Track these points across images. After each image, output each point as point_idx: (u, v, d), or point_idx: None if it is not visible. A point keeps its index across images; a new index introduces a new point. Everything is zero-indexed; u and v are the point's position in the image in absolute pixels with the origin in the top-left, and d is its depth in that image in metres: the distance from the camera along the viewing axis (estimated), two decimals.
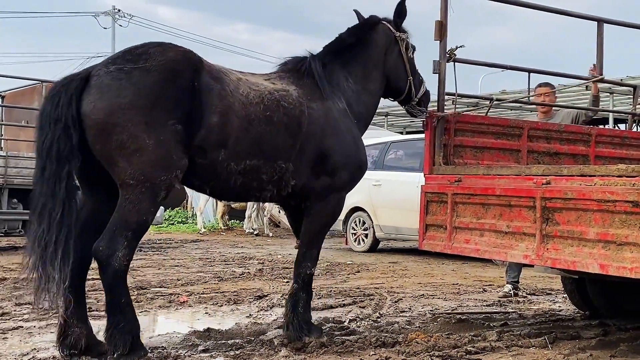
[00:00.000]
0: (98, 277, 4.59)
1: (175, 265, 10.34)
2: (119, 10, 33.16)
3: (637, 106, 7.81)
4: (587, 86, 9.26)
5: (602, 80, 7.16)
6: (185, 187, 5.30)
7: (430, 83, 5.97)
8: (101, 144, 4.29)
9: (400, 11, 5.82)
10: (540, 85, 8.26)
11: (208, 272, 9.64)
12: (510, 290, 7.94)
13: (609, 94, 19.39)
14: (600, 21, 6.78)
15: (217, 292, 7.74)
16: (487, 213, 5.29)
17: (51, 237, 4.19)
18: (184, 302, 7.12)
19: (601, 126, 20.64)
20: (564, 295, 7.33)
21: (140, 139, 4.24)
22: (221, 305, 6.99)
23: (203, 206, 16.77)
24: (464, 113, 6.81)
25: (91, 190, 4.71)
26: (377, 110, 23.11)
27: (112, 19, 33.72)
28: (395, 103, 6.37)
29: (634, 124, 8.23)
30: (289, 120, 4.91)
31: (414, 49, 5.92)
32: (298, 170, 5.01)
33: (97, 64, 4.51)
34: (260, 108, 4.77)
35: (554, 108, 8.30)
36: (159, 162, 4.30)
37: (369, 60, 5.67)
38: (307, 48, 5.49)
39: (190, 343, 5.21)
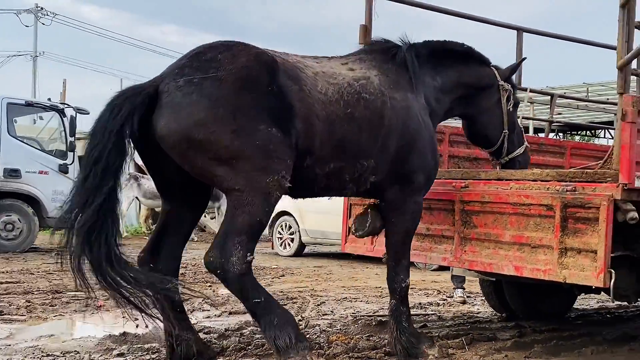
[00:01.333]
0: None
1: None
2: (42, 9, 32.14)
3: (554, 115, 8.01)
4: None
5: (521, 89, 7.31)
6: None
7: None
8: (190, 161, 4.10)
9: (514, 69, 5.71)
10: None
11: None
12: (462, 293, 8.04)
13: (529, 103, 19.89)
14: (520, 30, 6.92)
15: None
16: None
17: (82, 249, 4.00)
18: (101, 306, 6.89)
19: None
20: (482, 298, 7.43)
21: (232, 146, 3.99)
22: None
23: (126, 210, 16.40)
24: None
25: (173, 199, 4.56)
26: None
27: (34, 17, 32.70)
28: None
29: (550, 132, 8.44)
30: (370, 114, 4.56)
31: (516, 104, 5.66)
32: (378, 167, 4.67)
33: (163, 75, 4.18)
34: (341, 105, 4.44)
35: None
36: (260, 165, 4.06)
37: (461, 78, 5.36)
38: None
39: (105, 347, 5.07)
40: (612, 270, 4.01)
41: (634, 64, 4.63)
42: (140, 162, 18.77)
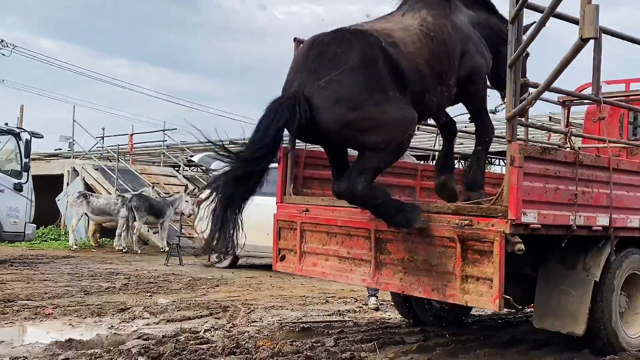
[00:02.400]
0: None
1: (44, 280, 9.67)
2: (2, 40, 30.93)
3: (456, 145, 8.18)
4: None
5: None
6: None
7: None
8: (347, 138, 4.59)
9: None
10: None
11: (75, 286, 9.07)
12: (375, 301, 8.08)
13: (434, 134, 20.25)
14: None
15: (82, 305, 7.30)
16: (331, 240, 5.33)
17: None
18: (49, 314, 6.67)
19: (422, 162, 21.49)
20: (393, 306, 7.50)
21: (378, 118, 4.43)
22: (85, 317, 6.62)
23: (75, 224, 15.91)
24: (313, 149, 6.86)
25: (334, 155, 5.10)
26: (242, 141, 22.63)
27: None
28: None
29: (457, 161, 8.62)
30: (440, 47, 4.93)
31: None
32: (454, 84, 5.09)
33: (302, 82, 4.53)
34: (421, 49, 4.82)
35: None
36: (400, 125, 4.52)
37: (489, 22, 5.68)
38: None
39: (51, 353, 4.92)
40: (507, 297, 4.11)
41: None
42: (89, 181, 18.25)
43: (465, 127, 14.36)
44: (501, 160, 25.14)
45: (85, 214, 15.72)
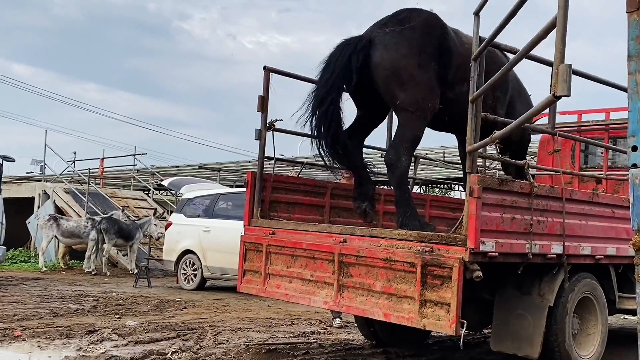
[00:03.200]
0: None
1: (13, 302, 9.37)
2: None
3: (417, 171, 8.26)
4: None
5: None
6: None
7: (252, 147, 5.96)
8: (387, 83, 5.02)
9: None
10: None
11: (44, 308, 8.81)
12: (340, 323, 8.06)
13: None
14: None
15: (51, 327, 7.08)
16: (295, 263, 5.28)
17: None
18: (17, 336, 6.45)
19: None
20: (356, 327, 7.45)
21: (416, 77, 4.96)
22: (54, 339, 6.41)
23: (45, 246, 15.53)
24: (280, 174, 6.83)
25: (366, 113, 5.60)
26: (211, 166, 22.29)
27: None
28: (228, 159, 6.31)
29: (415, 185, 8.68)
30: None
31: None
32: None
33: (372, 29, 5.21)
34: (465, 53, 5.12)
35: None
36: (429, 92, 5.00)
37: None
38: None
39: None
40: (464, 321, 4.11)
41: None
42: (59, 204, 17.83)
43: (427, 154, 14.55)
44: (460, 186, 25.47)
45: (55, 236, 15.39)
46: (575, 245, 4.92)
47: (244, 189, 6.04)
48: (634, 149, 2.41)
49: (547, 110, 5.94)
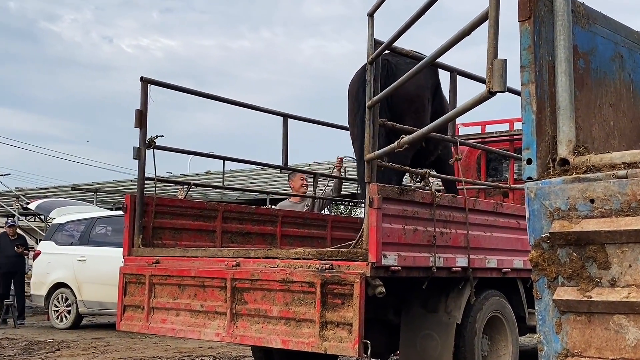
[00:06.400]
0: None
1: None
2: None
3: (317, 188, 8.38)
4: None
5: (286, 168, 7.57)
6: None
7: (134, 164, 5.79)
8: (404, 108, 5.67)
9: None
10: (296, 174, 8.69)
11: None
12: None
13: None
14: (285, 116, 7.21)
15: None
16: (183, 293, 5.19)
17: None
18: None
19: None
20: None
21: (425, 108, 5.86)
22: None
23: None
24: (164, 196, 6.71)
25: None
26: (87, 186, 21.62)
27: None
28: (107, 178, 6.11)
29: (320, 207, 8.79)
30: None
31: None
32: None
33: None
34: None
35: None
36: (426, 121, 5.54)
37: None
38: None
39: None
40: (367, 341, 4.17)
41: None
42: None
43: (329, 169, 14.75)
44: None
45: None
46: (481, 258, 5.13)
47: (122, 212, 5.88)
48: (529, 161, 2.53)
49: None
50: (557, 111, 2.52)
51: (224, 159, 7.21)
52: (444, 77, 5.96)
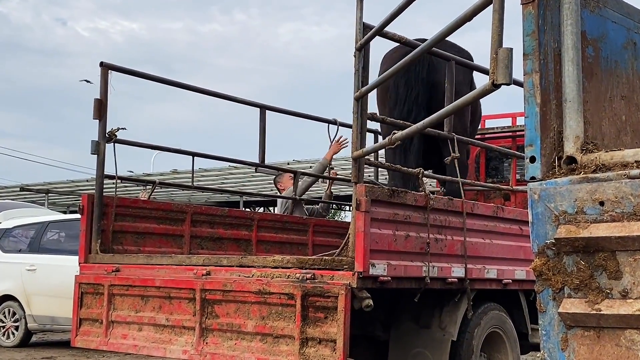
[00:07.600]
0: None
1: None
2: None
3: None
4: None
5: (263, 166, 7.58)
6: None
7: (90, 162, 5.80)
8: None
9: None
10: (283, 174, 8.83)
11: None
12: None
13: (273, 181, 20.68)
14: (263, 107, 7.21)
15: None
16: (146, 305, 5.18)
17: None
18: None
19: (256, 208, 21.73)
20: None
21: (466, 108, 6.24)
22: None
23: None
24: (126, 197, 6.70)
25: None
26: (37, 187, 21.54)
27: None
28: (60, 178, 6.07)
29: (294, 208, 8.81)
30: None
31: None
32: None
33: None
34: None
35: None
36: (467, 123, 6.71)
37: None
38: None
39: None
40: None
41: None
42: None
43: (310, 167, 14.76)
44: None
45: None
46: (479, 268, 5.16)
47: (79, 216, 5.86)
48: (532, 159, 2.53)
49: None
50: (563, 104, 2.52)
51: (193, 155, 7.20)
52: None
